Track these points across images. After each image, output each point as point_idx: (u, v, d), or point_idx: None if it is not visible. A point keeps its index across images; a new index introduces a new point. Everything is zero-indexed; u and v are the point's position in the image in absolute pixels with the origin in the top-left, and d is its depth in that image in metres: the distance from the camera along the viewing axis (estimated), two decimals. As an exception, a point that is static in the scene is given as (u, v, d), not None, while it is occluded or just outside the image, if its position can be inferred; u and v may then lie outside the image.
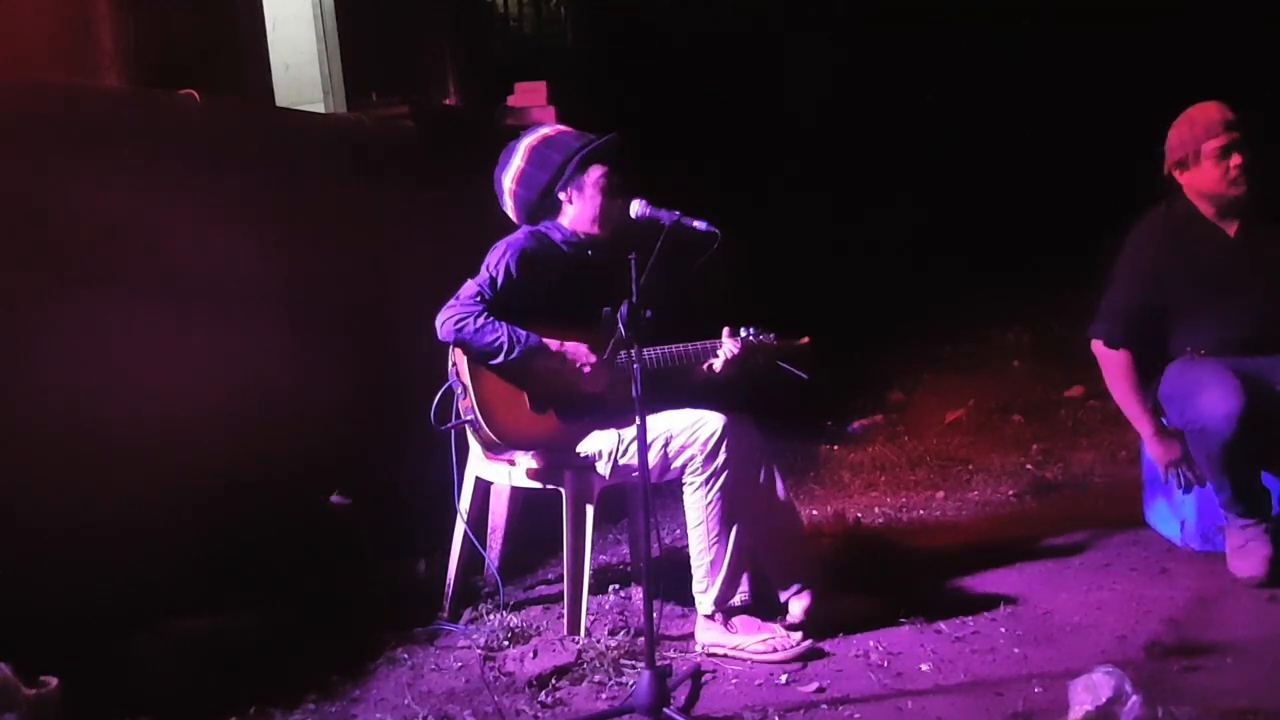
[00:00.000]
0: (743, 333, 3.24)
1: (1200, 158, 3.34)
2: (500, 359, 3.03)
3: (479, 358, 3.08)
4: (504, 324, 3.03)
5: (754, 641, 2.98)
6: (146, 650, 2.99)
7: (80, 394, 3.25)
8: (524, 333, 3.04)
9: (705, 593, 3.07)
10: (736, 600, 3.08)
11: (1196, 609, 3.14)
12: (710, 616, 3.06)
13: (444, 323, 3.05)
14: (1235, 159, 3.30)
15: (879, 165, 8.43)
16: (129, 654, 2.97)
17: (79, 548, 3.14)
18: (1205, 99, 3.43)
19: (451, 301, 3.07)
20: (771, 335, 3.27)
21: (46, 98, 3.21)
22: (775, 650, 2.95)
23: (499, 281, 3.08)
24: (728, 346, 3.19)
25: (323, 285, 4.14)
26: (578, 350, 3.11)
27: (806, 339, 3.30)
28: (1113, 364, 3.51)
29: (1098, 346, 3.54)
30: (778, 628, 3.04)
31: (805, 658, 2.94)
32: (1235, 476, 3.26)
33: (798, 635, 2.99)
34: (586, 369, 3.10)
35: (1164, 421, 3.56)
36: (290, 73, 4.82)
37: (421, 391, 3.28)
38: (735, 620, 3.06)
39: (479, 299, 3.05)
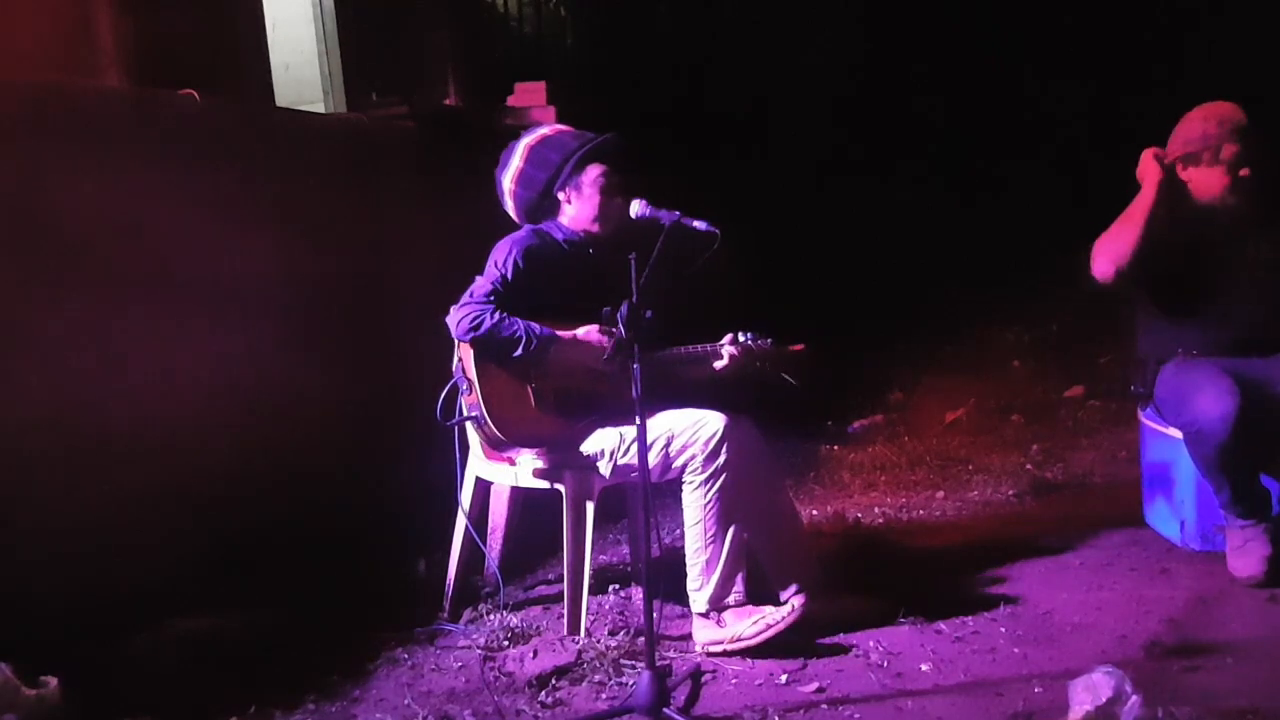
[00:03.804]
0: (741, 337, 3.25)
1: (1215, 160, 3.34)
2: (519, 352, 3.04)
3: (497, 353, 3.08)
4: (519, 319, 3.04)
5: (747, 625, 2.97)
6: (146, 650, 2.99)
7: (80, 393, 3.25)
8: (537, 325, 3.06)
9: (700, 591, 3.07)
10: (731, 600, 3.07)
11: (1196, 609, 3.14)
12: (704, 615, 3.06)
13: (459, 321, 3.05)
14: (1245, 170, 3.31)
15: (880, 164, 8.43)
16: (129, 654, 2.97)
17: (79, 548, 3.14)
18: (1204, 98, 3.44)
19: (465, 300, 3.08)
20: (768, 340, 3.27)
21: (46, 98, 3.21)
22: (769, 627, 2.93)
23: (509, 277, 3.09)
24: (728, 350, 3.20)
25: (322, 285, 4.14)
26: (590, 333, 3.12)
27: (800, 346, 3.31)
28: (1101, 243, 3.41)
29: (1094, 253, 3.43)
30: (767, 607, 3.02)
31: (804, 653, 2.93)
32: (1233, 478, 3.26)
33: (787, 606, 2.98)
34: (606, 343, 3.08)
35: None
36: (290, 73, 4.82)
37: (421, 390, 3.28)
38: (726, 614, 3.04)
39: (492, 296, 3.06)
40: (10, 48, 3.32)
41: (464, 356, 3.15)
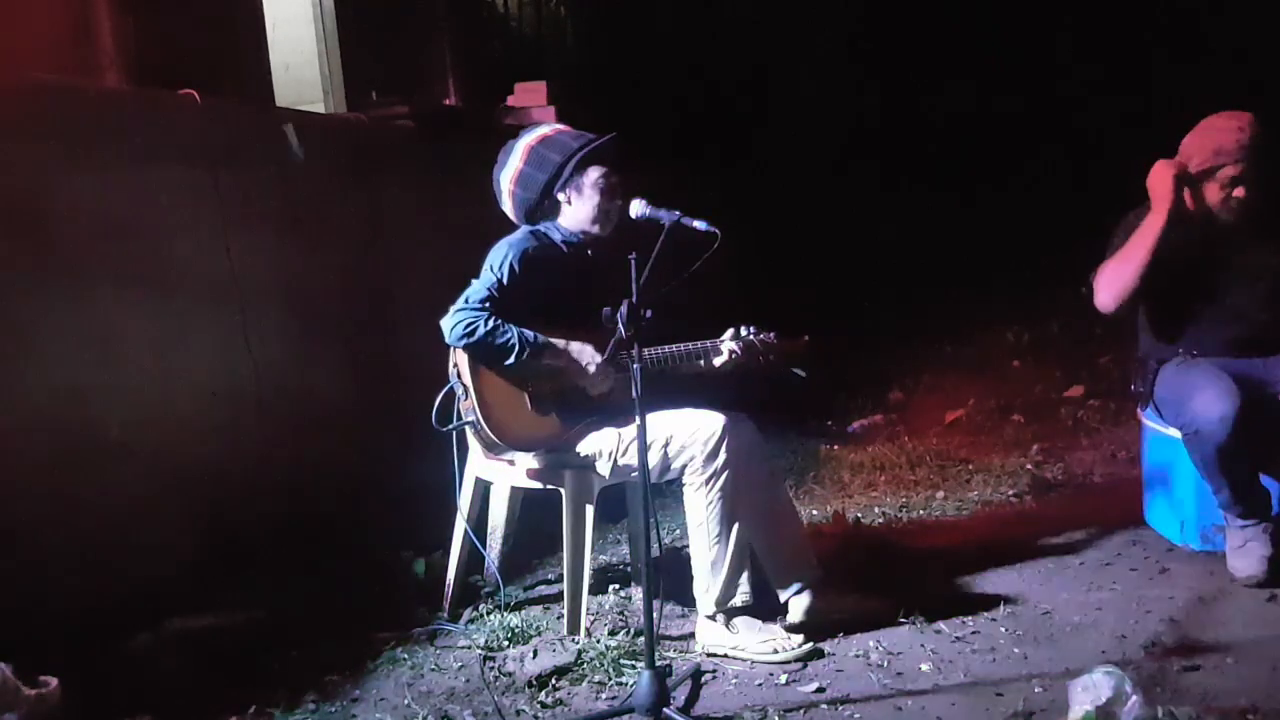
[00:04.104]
0: (743, 331, 3.24)
1: (1212, 178, 3.33)
2: (511, 360, 3.03)
3: (489, 360, 3.07)
4: (513, 325, 3.03)
5: (755, 642, 2.98)
6: (146, 650, 3.00)
7: (79, 393, 3.25)
8: (531, 333, 3.05)
9: (706, 593, 3.07)
10: (738, 600, 3.07)
11: (1196, 609, 3.15)
12: (711, 617, 3.06)
13: (453, 327, 3.04)
14: (1239, 190, 3.30)
15: (881, 163, 8.43)
16: (129, 654, 2.97)
17: (79, 548, 3.14)
18: (1205, 98, 3.43)
19: (459, 305, 3.06)
20: (772, 334, 3.27)
21: (46, 98, 3.21)
22: (776, 652, 2.95)
23: (505, 281, 3.08)
24: (729, 345, 3.20)
25: (322, 285, 4.14)
26: (583, 350, 3.11)
27: (806, 337, 3.31)
28: (1105, 272, 3.42)
29: (1097, 284, 3.44)
30: (779, 629, 3.04)
31: (806, 658, 2.94)
32: (1232, 478, 3.27)
33: (799, 638, 3.00)
34: (591, 368, 3.10)
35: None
36: (290, 73, 4.82)
37: (420, 390, 3.28)
38: (736, 621, 3.06)
39: (486, 302, 3.04)
40: (10, 48, 3.32)
41: (459, 361, 3.14)
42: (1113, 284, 3.39)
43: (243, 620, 3.20)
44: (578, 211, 3.23)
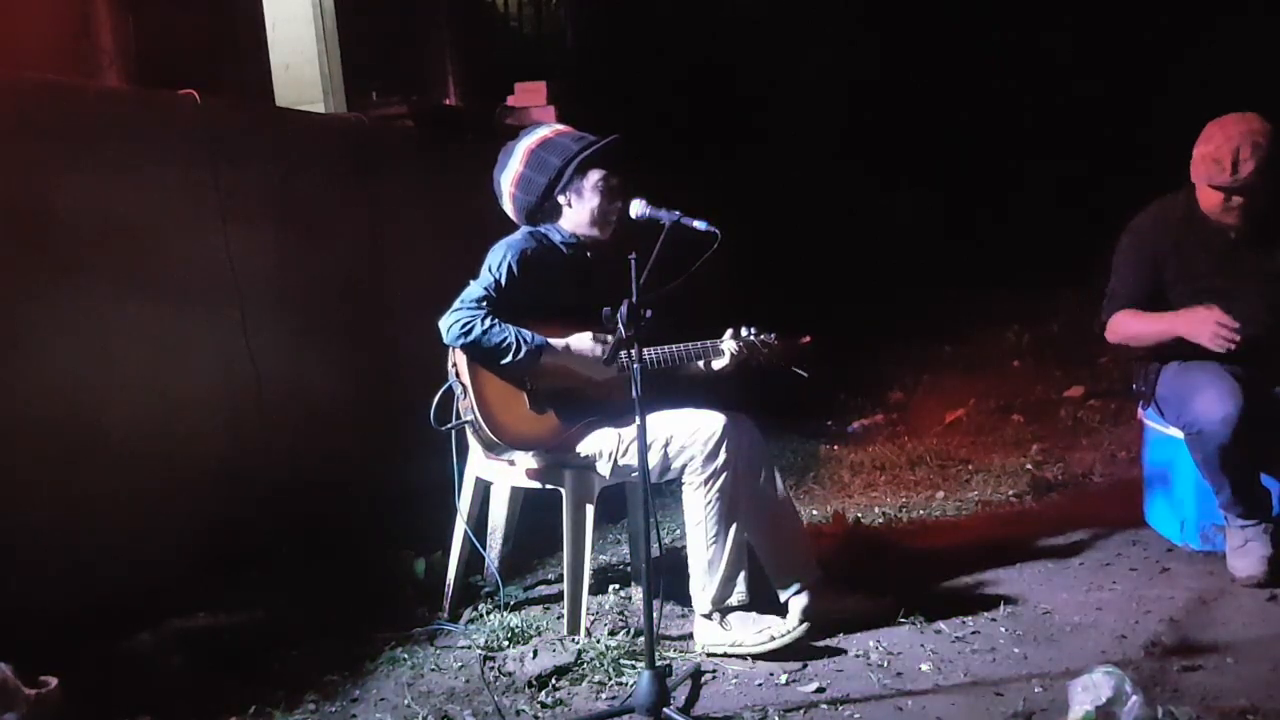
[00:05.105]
0: (744, 332, 3.24)
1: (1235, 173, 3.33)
2: (509, 359, 3.03)
3: (487, 360, 3.07)
4: (510, 325, 3.03)
5: (750, 634, 2.98)
6: (146, 650, 2.99)
7: (80, 393, 3.25)
8: (529, 333, 3.04)
9: (703, 591, 3.07)
10: (734, 600, 3.07)
11: (1196, 609, 3.15)
12: (707, 616, 3.06)
13: (450, 327, 3.04)
14: (1236, 200, 3.29)
15: (881, 163, 8.44)
16: (129, 654, 2.97)
17: (79, 547, 3.14)
18: (1209, 98, 3.43)
19: (456, 306, 3.06)
20: (773, 335, 3.27)
21: (46, 98, 3.21)
22: (773, 639, 2.94)
23: (502, 282, 3.07)
24: (729, 346, 3.20)
25: (322, 285, 4.14)
26: (582, 341, 3.11)
27: (808, 338, 3.31)
28: (1121, 323, 3.47)
29: (1109, 329, 3.51)
30: (773, 618, 3.03)
31: (804, 654, 2.94)
32: (1233, 478, 3.27)
33: (793, 619, 3.00)
34: (592, 354, 3.09)
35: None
36: (290, 73, 4.82)
37: (421, 390, 3.28)
38: (731, 618, 3.05)
39: (483, 302, 3.04)
40: (10, 48, 3.33)
41: (458, 361, 3.14)
42: (1122, 335, 3.51)
43: (243, 620, 3.19)
44: (578, 214, 3.22)
